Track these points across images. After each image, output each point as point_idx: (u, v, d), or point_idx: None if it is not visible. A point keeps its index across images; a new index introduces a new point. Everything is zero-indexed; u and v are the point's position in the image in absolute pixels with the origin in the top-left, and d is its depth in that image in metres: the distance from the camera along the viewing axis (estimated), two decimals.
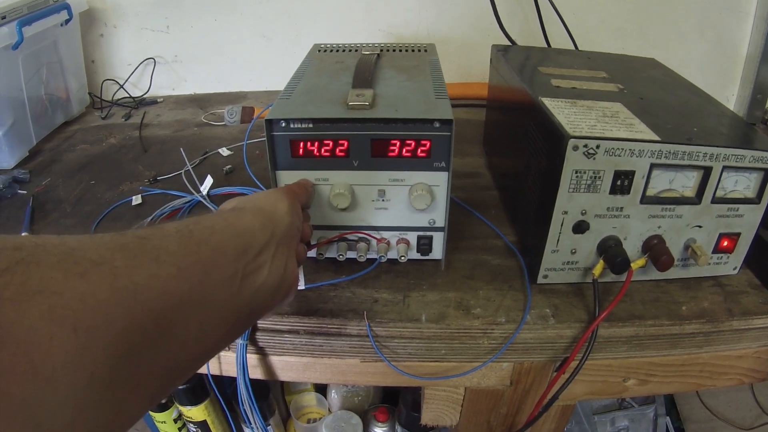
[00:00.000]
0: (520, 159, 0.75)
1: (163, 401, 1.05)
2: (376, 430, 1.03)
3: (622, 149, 0.55)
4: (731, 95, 1.31)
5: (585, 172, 0.56)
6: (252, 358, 0.66)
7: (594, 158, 0.55)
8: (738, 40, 1.25)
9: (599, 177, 0.57)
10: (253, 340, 0.64)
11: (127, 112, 1.26)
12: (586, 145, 0.55)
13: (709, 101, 0.73)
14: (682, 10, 1.22)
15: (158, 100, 1.33)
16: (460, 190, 0.85)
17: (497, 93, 0.92)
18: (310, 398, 1.12)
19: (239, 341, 0.62)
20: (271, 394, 1.10)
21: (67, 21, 1.14)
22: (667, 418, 1.28)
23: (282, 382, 1.15)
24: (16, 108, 1.03)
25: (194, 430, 1.07)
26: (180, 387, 0.99)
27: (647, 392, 0.72)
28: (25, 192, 0.92)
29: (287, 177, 0.61)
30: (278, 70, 1.32)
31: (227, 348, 0.65)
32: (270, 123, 0.58)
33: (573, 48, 1.13)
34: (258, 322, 0.62)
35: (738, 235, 0.64)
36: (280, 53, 1.31)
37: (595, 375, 0.68)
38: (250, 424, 0.67)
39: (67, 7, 1.13)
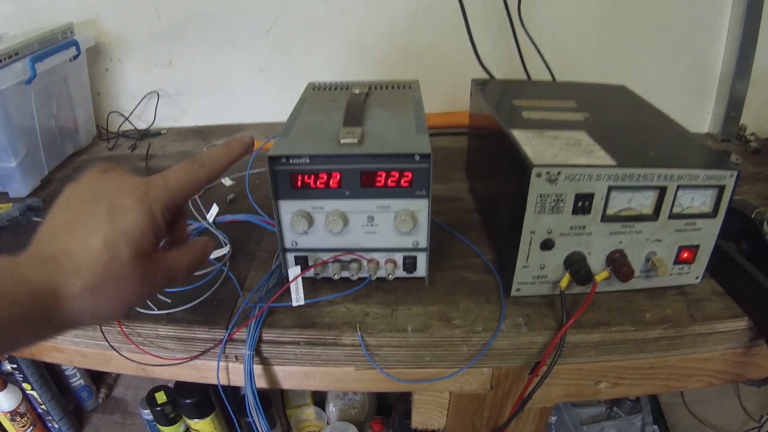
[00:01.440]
0: (495, 185, 0.80)
1: (171, 416, 1.10)
2: None
3: (581, 174, 0.61)
4: (707, 113, 1.33)
5: (549, 196, 0.62)
6: (257, 369, 0.71)
7: (556, 183, 0.61)
8: (712, 60, 1.28)
9: (562, 200, 0.63)
10: (258, 352, 0.69)
11: (133, 144, 1.30)
12: (548, 172, 0.61)
13: (671, 125, 0.78)
14: (657, 33, 1.26)
15: (162, 131, 1.38)
16: (444, 214, 0.91)
17: (476, 123, 0.97)
18: (309, 412, 1.16)
19: (246, 351, 0.68)
20: (273, 408, 1.15)
21: (75, 57, 1.19)
22: (655, 426, 1.29)
23: (282, 398, 1.19)
24: (29, 139, 1.08)
25: None
26: (187, 401, 1.05)
27: (619, 394, 0.76)
28: (39, 219, 0.95)
29: (288, 206, 0.67)
30: (275, 102, 1.37)
31: (235, 359, 0.71)
32: (272, 159, 0.64)
33: (550, 77, 1.18)
34: (264, 334, 0.68)
35: (697, 247, 0.68)
36: (277, 86, 1.36)
37: (568, 378, 0.73)
38: (257, 428, 0.72)
39: (76, 44, 1.19)
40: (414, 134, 0.69)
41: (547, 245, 0.66)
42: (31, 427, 1.24)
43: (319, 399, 1.20)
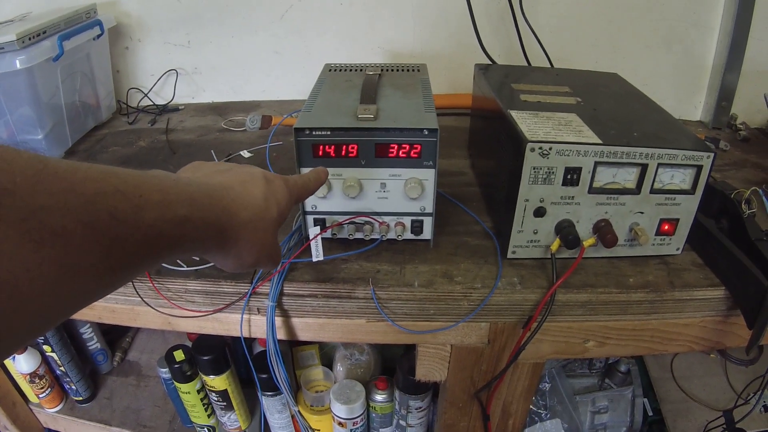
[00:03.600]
0: (495, 160, 0.87)
1: (188, 373, 1.16)
2: (377, 397, 1.11)
3: (570, 150, 0.68)
4: (699, 102, 1.37)
5: (541, 168, 0.69)
6: (277, 321, 0.78)
7: (548, 157, 0.68)
8: (704, 53, 1.31)
9: (553, 172, 0.70)
10: (279, 304, 0.76)
11: (153, 118, 1.35)
12: (541, 147, 0.68)
13: (656, 110, 0.84)
14: (651, 25, 1.29)
15: (180, 107, 1.42)
16: (448, 186, 0.97)
17: (478, 105, 1.03)
18: (318, 372, 1.19)
19: (269, 303, 0.75)
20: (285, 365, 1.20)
21: (99, 36, 1.24)
22: (645, 399, 1.30)
23: (292, 360, 1.25)
24: (55, 113, 1.13)
25: (215, 398, 1.16)
26: (205, 358, 1.11)
27: (606, 354, 0.81)
28: None
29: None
30: (288, 82, 1.43)
31: (257, 311, 0.78)
32: (297, 130, 0.71)
33: (548, 65, 1.23)
34: (285, 288, 0.75)
35: (677, 220, 0.74)
36: (291, 67, 1.40)
37: (558, 336, 0.78)
38: (275, 375, 0.79)
39: (100, 23, 1.23)
40: (423, 112, 0.77)
41: (539, 212, 0.73)
42: (49, 389, 1.26)
43: (327, 360, 1.23)
